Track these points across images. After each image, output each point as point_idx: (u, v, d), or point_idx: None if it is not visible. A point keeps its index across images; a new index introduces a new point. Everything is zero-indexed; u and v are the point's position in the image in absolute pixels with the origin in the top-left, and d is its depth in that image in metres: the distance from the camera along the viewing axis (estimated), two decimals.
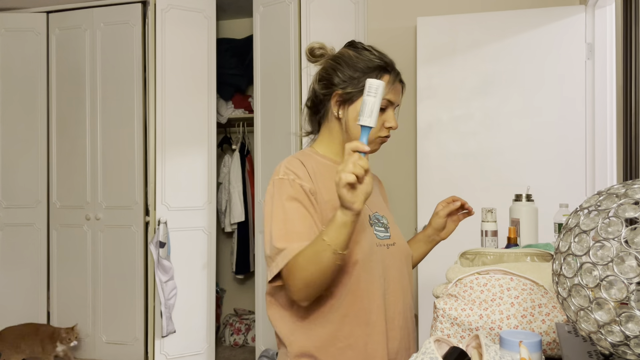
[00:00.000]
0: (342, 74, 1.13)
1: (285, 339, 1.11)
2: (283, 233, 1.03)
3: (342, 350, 1.08)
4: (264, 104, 3.22)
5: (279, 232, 1.03)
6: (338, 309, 1.07)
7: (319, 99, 1.18)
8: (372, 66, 1.12)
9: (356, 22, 3.02)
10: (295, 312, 1.10)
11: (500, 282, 0.98)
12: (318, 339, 1.08)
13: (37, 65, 3.59)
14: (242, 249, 3.83)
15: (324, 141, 1.20)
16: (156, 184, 3.17)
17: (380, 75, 1.12)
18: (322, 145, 1.20)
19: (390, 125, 1.14)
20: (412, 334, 1.23)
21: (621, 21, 1.92)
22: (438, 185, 2.72)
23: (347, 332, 1.08)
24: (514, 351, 0.74)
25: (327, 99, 1.15)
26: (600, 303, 0.65)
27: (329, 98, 1.15)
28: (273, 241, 1.03)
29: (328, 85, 1.15)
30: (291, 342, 1.10)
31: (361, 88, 1.09)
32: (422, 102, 2.75)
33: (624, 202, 0.66)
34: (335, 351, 1.08)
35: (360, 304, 1.08)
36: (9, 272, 3.59)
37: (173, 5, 3.23)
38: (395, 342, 1.13)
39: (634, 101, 1.81)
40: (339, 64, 1.14)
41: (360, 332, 1.08)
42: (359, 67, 1.12)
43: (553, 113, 2.59)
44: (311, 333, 1.09)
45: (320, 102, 1.18)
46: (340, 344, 1.08)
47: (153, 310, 3.19)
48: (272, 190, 1.09)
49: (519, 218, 1.63)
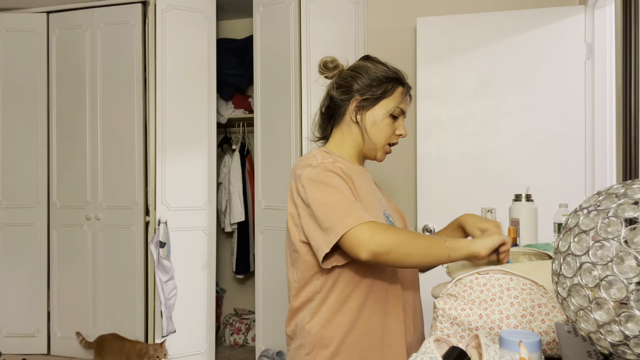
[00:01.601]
0: (362, 81, 1.24)
1: (302, 329, 1.16)
2: (350, 202, 1.09)
3: (361, 337, 1.15)
4: (264, 104, 3.22)
5: (342, 201, 1.08)
6: (358, 298, 1.15)
7: (336, 105, 1.27)
8: (389, 76, 1.24)
9: (356, 22, 3.02)
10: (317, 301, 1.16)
11: (499, 282, 0.98)
12: (337, 328, 1.14)
13: (38, 65, 3.59)
14: (242, 248, 3.83)
15: (337, 143, 1.28)
16: (156, 183, 3.18)
17: (395, 85, 1.25)
18: (335, 147, 1.28)
19: (400, 132, 1.27)
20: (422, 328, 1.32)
21: (621, 21, 1.92)
22: (438, 185, 2.72)
23: (366, 319, 1.15)
24: (513, 351, 0.74)
25: (345, 105, 1.26)
26: (600, 303, 0.65)
27: (348, 103, 1.25)
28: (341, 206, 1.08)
29: (347, 92, 1.25)
30: (309, 331, 1.15)
31: (378, 95, 1.23)
32: (421, 102, 2.75)
33: (623, 202, 0.66)
34: (354, 338, 1.15)
35: (379, 293, 1.17)
36: (9, 272, 3.59)
37: (173, 5, 3.23)
38: (410, 333, 1.22)
39: (634, 101, 1.81)
40: (358, 73, 1.25)
41: (379, 320, 1.16)
42: (377, 77, 1.24)
43: (553, 113, 2.59)
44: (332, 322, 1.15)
45: (338, 107, 1.26)
46: (358, 331, 1.15)
47: (153, 310, 3.19)
48: (314, 172, 1.14)
49: (519, 218, 1.63)
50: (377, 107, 1.24)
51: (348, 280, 1.15)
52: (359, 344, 1.15)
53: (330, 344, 1.14)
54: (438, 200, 2.71)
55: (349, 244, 1.05)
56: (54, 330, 3.56)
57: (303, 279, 1.18)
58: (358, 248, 1.03)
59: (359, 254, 1.04)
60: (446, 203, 2.69)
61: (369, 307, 1.16)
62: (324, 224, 1.08)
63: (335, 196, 1.09)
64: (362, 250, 1.03)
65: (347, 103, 1.25)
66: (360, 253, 1.03)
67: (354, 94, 1.24)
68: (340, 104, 1.26)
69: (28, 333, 3.58)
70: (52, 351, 3.58)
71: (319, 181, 1.12)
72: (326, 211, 1.08)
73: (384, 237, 1.04)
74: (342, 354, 1.14)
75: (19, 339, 3.58)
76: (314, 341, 1.15)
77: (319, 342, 1.15)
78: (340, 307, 1.15)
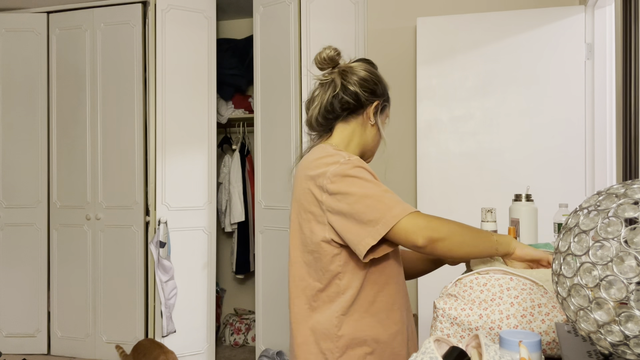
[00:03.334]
0: (381, 87, 1.28)
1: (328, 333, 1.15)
2: (391, 193, 1.10)
3: (393, 335, 1.17)
4: (264, 104, 3.22)
5: (384, 192, 1.09)
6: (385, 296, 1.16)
7: (361, 103, 1.26)
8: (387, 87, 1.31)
9: (356, 22, 3.02)
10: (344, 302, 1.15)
11: (499, 282, 0.98)
12: (370, 328, 1.15)
13: (38, 65, 3.59)
14: (242, 248, 3.83)
15: (343, 140, 1.26)
16: (156, 183, 3.18)
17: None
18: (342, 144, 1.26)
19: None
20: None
21: (621, 21, 1.92)
22: (438, 185, 2.72)
23: (397, 318, 1.18)
24: (513, 351, 0.74)
25: (367, 105, 1.26)
26: (600, 303, 0.65)
27: (369, 105, 1.26)
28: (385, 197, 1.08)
29: (372, 94, 1.26)
30: (339, 335, 1.14)
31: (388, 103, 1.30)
32: (421, 102, 2.76)
33: (623, 202, 0.66)
34: (387, 337, 1.16)
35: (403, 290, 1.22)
36: (9, 272, 3.59)
37: (173, 5, 3.23)
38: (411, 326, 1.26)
39: (634, 101, 1.81)
40: (378, 78, 1.29)
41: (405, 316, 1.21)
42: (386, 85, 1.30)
43: (553, 113, 2.59)
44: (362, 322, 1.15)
45: (361, 107, 1.26)
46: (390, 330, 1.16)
47: (153, 310, 3.19)
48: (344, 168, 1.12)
49: (519, 218, 1.63)
50: (384, 114, 1.29)
51: (375, 279, 1.15)
52: (390, 342, 1.16)
53: (363, 344, 1.14)
54: (438, 200, 2.71)
55: (403, 233, 1.04)
56: (54, 330, 3.56)
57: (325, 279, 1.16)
58: (414, 234, 1.03)
59: (415, 241, 1.03)
60: (446, 203, 2.69)
61: (397, 305, 1.18)
62: (365, 217, 1.06)
63: (374, 189, 1.08)
64: (419, 236, 1.03)
65: (369, 104, 1.26)
66: (417, 239, 1.03)
67: (376, 98, 1.26)
68: (364, 103, 1.25)
69: (28, 333, 3.58)
70: (52, 351, 3.58)
71: (353, 176, 1.10)
72: (368, 203, 1.06)
73: (438, 224, 1.05)
74: (376, 353, 1.14)
75: (19, 339, 3.58)
76: (346, 344, 1.13)
77: (351, 343, 1.14)
78: (369, 307, 1.15)
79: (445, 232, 1.04)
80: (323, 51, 1.27)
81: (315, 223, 1.15)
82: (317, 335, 1.16)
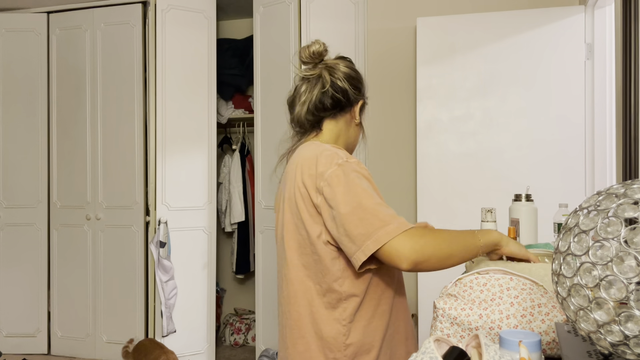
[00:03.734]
0: (363, 85, 1.28)
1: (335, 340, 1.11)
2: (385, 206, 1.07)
3: (391, 336, 1.18)
4: (264, 104, 3.22)
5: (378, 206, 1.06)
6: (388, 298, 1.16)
7: (349, 101, 1.25)
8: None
9: (356, 22, 3.02)
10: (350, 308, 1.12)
11: (499, 281, 0.98)
12: (376, 332, 1.14)
13: (38, 65, 3.59)
14: (242, 248, 3.83)
15: (331, 138, 1.25)
16: (156, 183, 3.18)
17: None
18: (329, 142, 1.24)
19: None
20: None
21: (620, 21, 1.92)
22: (437, 185, 2.72)
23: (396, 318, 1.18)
24: (513, 351, 0.74)
25: (354, 103, 1.25)
26: (600, 303, 0.65)
27: (355, 103, 1.25)
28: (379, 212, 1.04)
29: (358, 92, 1.26)
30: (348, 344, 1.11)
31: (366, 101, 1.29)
32: (421, 102, 2.76)
33: (623, 202, 0.66)
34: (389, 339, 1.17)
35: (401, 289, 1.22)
36: (9, 272, 3.59)
37: (173, 5, 3.23)
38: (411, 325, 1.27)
39: (634, 101, 1.81)
40: (360, 76, 1.28)
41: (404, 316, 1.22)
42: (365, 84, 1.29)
43: (552, 113, 2.59)
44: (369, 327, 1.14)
45: (349, 104, 1.25)
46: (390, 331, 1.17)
47: (153, 309, 3.19)
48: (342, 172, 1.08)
49: (519, 218, 1.63)
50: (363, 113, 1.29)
51: (377, 282, 1.13)
52: (389, 343, 1.16)
53: (371, 349, 1.12)
54: (438, 200, 2.71)
55: (388, 255, 1.01)
56: (54, 330, 3.57)
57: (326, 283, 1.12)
58: (398, 259, 1.00)
59: (400, 264, 1.01)
60: (446, 203, 2.69)
61: (397, 305, 1.18)
62: (357, 230, 1.02)
63: (369, 200, 1.04)
64: (403, 261, 1.00)
65: (355, 102, 1.25)
66: (402, 264, 1.01)
67: (361, 96, 1.26)
68: (352, 101, 1.24)
69: (28, 333, 3.58)
70: (52, 351, 3.58)
71: (350, 181, 1.06)
72: (362, 216, 1.03)
73: (423, 244, 1.01)
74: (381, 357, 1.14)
75: (19, 339, 3.58)
76: (354, 351, 1.11)
77: (360, 350, 1.12)
78: (374, 311, 1.13)
79: (431, 251, 1.02)
80: (312, 45, 1.23)
81: (312, 223, 1.11)
82: (323, 344, 1.12)
